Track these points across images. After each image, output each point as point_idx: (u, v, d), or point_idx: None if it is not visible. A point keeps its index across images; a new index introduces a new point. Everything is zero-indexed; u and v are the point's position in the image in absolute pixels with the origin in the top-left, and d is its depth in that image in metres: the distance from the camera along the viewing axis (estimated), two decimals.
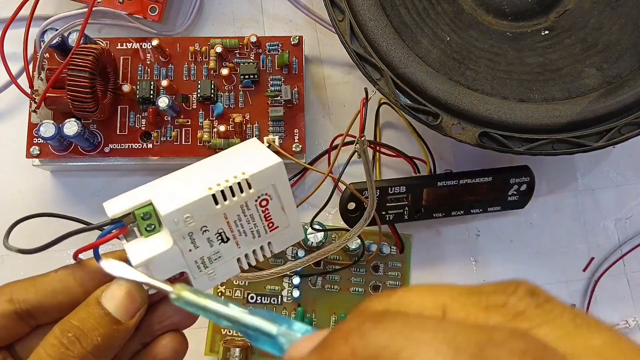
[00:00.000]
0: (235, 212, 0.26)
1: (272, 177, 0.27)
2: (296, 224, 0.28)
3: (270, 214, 0.27)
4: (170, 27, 0.47)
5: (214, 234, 0.26)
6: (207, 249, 0.26)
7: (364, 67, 0.36)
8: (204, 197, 0.26)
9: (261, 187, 0.27)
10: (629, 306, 0.44)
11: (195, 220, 0.26)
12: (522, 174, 0.42)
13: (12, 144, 0.45)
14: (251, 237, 0.27)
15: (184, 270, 0.26)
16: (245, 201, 0.27)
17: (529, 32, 0.39)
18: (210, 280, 0.27)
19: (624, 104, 0.36)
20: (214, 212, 0.26)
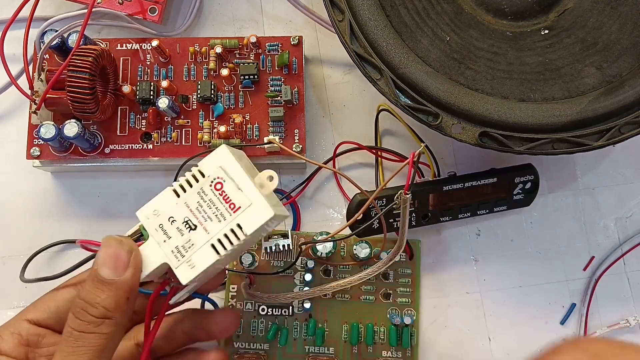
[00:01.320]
0: (194, 199, 0.31)
1: (218, 160, 0.31)
2: (258, 201, 0.30)
3: (228, 195, 0.30)
4: (170, 27, 0.47)
5: (181, 222, 0.30)
6: (179, 238, 0.30)
7: (364, 67, 0.36)
8: (165, 192, 0.31)
9: (210, 172, 0.31)
10: (629, 305, 0.44)
11: (161, 212, 0.31)
12: (527, 173, 0.42)
13: (13, 145, 0.45)
14: (217, 221, 0.30)
15: (165, 261, 0.30)
16: (201, 187, 0.31)
17: (529, 31, 0.39)
18: (191, 269, 0.30)
19: (623, 103, 0.36)
20: (175, 202, 0.31)
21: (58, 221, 0.45)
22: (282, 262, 0.42)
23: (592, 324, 0.44)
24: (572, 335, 0.44)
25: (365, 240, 0.42)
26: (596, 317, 0.44)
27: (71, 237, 0.44)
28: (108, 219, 0.45)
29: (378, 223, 0.40)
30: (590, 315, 0.44)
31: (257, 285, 0.42)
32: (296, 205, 0.45)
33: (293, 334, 0.42)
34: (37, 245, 0.44)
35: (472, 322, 0.44)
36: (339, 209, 0.45)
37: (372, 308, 0.42)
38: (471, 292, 0.44)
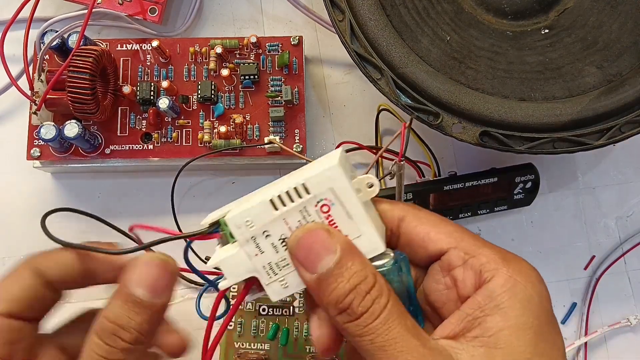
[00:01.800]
0: (295, 217, 0.26)
1: (328, 181, 0.26)
2: (370, 233, 0.27)
3: (334, 221, 0.27)
4: (170, 28, 0.47)
5: (277, 239, 0.27)
6: (273, 255, 0.27)
7: (364, 67, 0.36)
8: (261, 201, 0.26)
9: (318, 191, 0.26)
10: (630, 304, 0.44)
11: (255, 224, 0.26)
12: (527, 172, 0.42)
13: (13, 146, 0.45)
14: None
15: (254, 275, 0.27)
16: (304, 206, 0.26)
17: (529, 30, 0.39)
18: (283, 289, 0.27)
19: (624, 102, 0.36)
20: (273, 217, 0.26)
21: (58, 222, 0.44)
22: None
23: (593, 323, 0.44)
24: (572, 335, 0.44)
25: None
26: (597, 316, 0.44)
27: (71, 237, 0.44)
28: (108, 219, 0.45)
29: None
30: (591, 315, 0.44)
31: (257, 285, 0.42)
32: None
33: (294, 334, 0.41)
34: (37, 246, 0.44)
35: None
36: None
37: None
38: None
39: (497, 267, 0.26)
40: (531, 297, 0.25)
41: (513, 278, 0.25)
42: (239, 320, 0.42)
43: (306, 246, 0.26)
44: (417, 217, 0.28)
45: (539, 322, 0.25)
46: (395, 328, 0.24)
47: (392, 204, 0.28)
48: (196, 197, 0.45)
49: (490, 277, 0.25)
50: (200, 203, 0.45)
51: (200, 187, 0.45)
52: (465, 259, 0.26)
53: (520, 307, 0.25)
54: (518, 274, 0.26)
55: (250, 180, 0.45)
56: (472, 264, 0.26)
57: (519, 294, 0.25)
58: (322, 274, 0.25)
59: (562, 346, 0.26)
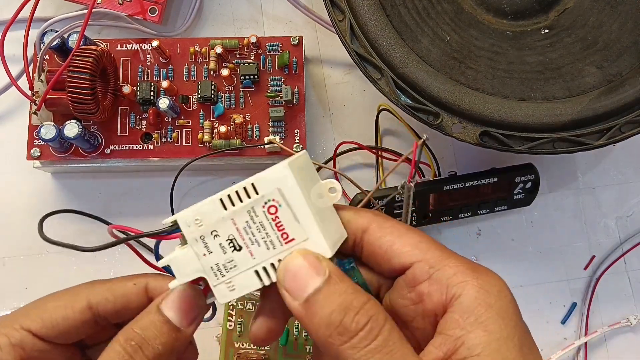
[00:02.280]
0: (243, 218, 0.26)
1: (276, 181, 0.26)
2: (316, 237, 0.26)
3: (281, 223, 0.26)
4: (170, 28, 0.47)
5: (225, 239, 0.26)
6: (221, 256, 0.27)
7: (364, 67, 0.36)
8: (210, 200, 0.26)
9: (265, 191, 0.26)
10: (630, 304, 0.44)
11: (204, 223, 0.26)
12: (527, 172, 0.42)
13: (13, 146, 0.45)
14: (264, 247, 0.26)
15: (202, 275, 0.27)
16: (252, 206, 0.26)
17: (529, 30, 0.39)
18: (230, 291, 0.27)
19: (624, 102, 0.36)
20: (222, 216, 0.26)
21: (58, 222, 0.45)
22: None
23: (593, 323, 0.44)
24: (573, 335, 0.44)
25: None
26: (597, 316, 0.44)
27: (71, 237, 0.44)
28: (108, 219, 0.45)
29: None
30: (591, 315, 0.44)
31: None
32: None
33: (293, 334, 0.41)
34: (37, 246, 0.44)
35: None
36: None
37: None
38: None
39: (466, 279, 0.25)
40: (506, 307, 0.25)
41: (484, 289, 0.24)
42: (239, 320, 0.42)
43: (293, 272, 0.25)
44: (382, 228, 0.27)
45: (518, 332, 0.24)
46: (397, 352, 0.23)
47: (357, 212, 0.27)
48: (196, 197, 0.45)
49: (460, 291, 0.25)
50: None
51: (201, 187, 0.45)
52: (430, 273, 0.25)
53: (499, 319, 0.24)
54: (487, 284, 0.25)
55: None
56: (438, 278, 0.25)
57: (494, 305, 0.24)
58: (310, 295, 0.24)
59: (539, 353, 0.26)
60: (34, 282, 0.44)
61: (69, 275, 0.44)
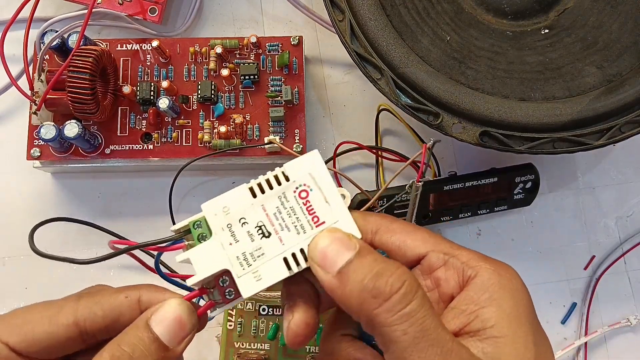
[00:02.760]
0: (274, 203, 0.26)
1: (308, 166, 0.27)
2: (346, 219, 0.26)
3: (312, 207, 0.26)
4: (170, 28, 0.47)
5: (253, 226, 0.26)
6: (249, 244, 0.26)
7: (364, 67, 0.36)
8: (240, 188, 0.27)
9: (297, 176, 0.27)
10: (630, 304, 0.44)
11: (232, 210, 0.26)
12: (527, 172, 0.42)
13: (13, 146, 0.45)
14: (295, 232, 0.26)
15: (226, 267, 0.26)
16: (283, 192, 0.26)
17: (529, 30, 0.39)
18: (256, 281, 0.26)
19: (624, 102, 0.36)
20: (251, 202, 0.26)
21: (57, 225, 0.44)
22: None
23: (593, 323, 0.44)
24: (573, 335, 0.44)
25: None
26: (597, 316, 0.44)
27: (71, 240, 0.44)
28: (108, 219, 0.45)
29: None
30: (591, 315, 0.44)
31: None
32: None
33: None
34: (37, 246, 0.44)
35: None
36: None
37: None
38: None
39: (479, 263, 0.26)
40: (518, 289, 0.26)
41: (497, 272, 0.26)
42: (239, 320, 0.42)
43: (324, 247, 0.25)
44: (391, 229, 0.28)
45: (529, 313, 0.26)
46: (429, 317, 0.23)
47: (365, 216, 0.28)
48: (196, 197, 0.45)
49: (474, 273, 0.26)
50: (200, 203, 0.45)
51: (201, 187, 0.45)
52: (445, 260, 0.27)
53: (512, 298, 0.25)
54: (500, 269, 0.26)
55: None
56: (454, 263, 0.27)
57: (507, 285, 0.26)
58: (342, 267, 0.24)
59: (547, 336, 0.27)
60: (34, 282, 0.44)
61: (69, 276, 0.44)
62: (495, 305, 0.25)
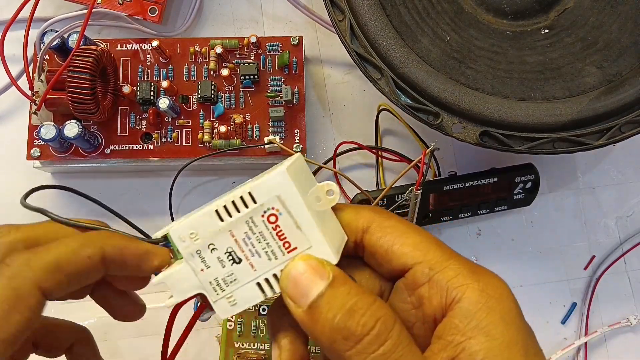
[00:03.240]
0: (241, 229, 0.25)
1: (276, 188, 0.24)
2: (319, 244, 0.25)
3: (283, 232, 0.25)
4: (170, 28, 0.47)
5: (223, 252, 0.25)
6: (220, 270, 0.25)
7: (364, 67, 0.36)
8: (206, 212, 0.25)
9: (264, 199, 0.24)
10: (630, 304, 0.44)
11: (200, 236, 0.25)
12: (527, 172, 0.42)
13: (13, 146, 0.45)
14: (266, 258, 0.25)
15: (200, 292, 0.26)
16: (250, 216, 0.25)
17: (529, 30, 0.39)
18: (231, 306, 0.26)
19: (624, 102, 0.36)
20: (218, 228, 0.25)
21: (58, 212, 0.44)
22: None
23: (593, 323, 0.44)
24: (573, 335, 0.44)
25: None
26: (597, 316, 0.44)
27: None
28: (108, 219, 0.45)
29: None
30: (591, 315, 0.44)
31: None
32: None
33: None
34: None
35: None
36: None
37: None
38: None
39: (466, 282, 0.24)
40: (509, 311, 0.24)
41: (485, 293, 0.23)
42: (239, 320, 0.42)
43: (295, 278, 0.24)
44: (382, 227, 0.26)
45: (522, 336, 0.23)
46: (406, 357, 0.22)
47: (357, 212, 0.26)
48: (196, 197, 0.45)
49: (460, 294, 0.23)
50: (200, 203, 0.44)
51: (201, 187, 0.45)
52: (430, 276, 0.24)
53: (502, 323, 0.23)
54: (489, 287, 0.24)
55: None
56: (438, 281, 0.24)
57: (496, 308, 0.23)
58: (313, 300, 0.23)
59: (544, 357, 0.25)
60: None
61: None
62: (483, 335, 0.22)
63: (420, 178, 0.34)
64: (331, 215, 0.26)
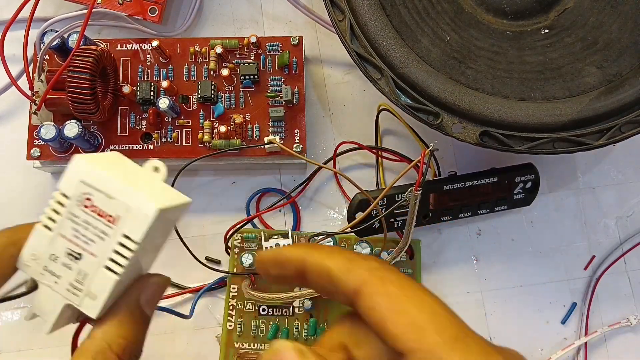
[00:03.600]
0: (68, 226, 0.26)
1: (75, 175, 0.26)
2: (135, 201, 0.25)
3: (101, 209, 0.25)
4: (170, 28, 0.47)
5: (64, 256, 0.26)
6: (69, 273, 0.26)
7: (364, 67, 0.36)
8: (36, 230, 0.26)
9: (72, 191, 0.26)
10: (630, 304, 0.44)
11: (40, 254, 0.26)
12: (527, 172, 0.42)
13: (13, 146, 0.45)
14: (100, 240, 0.26)
15: (65, 302, 0.26)
16: (70, 212, 0.26)
17: (529, 30, 0.39)
18: (94, 300, 0.26)
19: (624, 102, 0.36)
20: (50, 238, 0.26)
21: None
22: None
23: (593, 323, 0.44)
24: (573, 335, 0.44)
25: (365, 240, 0.42)
26: (597, 316, 0.44)
27: None
28: None
29: (378, 223, 0.40)
30: (591, 315, 0.44)
31: (258, 286, 0.42)
32: (296, 206, 0.45)
33: (294, 334, 0.41)
34: None
35: (473, 322, 0.43)
36: (340, 209, 0.45)
37: None
38: (472, 291, 0.44)
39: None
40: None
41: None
42: (239, 320, 0.42)
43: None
44: (373, 296, 0.21)
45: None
46: None
47: (349, 268, 0.22)
48: (196, 197, 0.45)
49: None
50: (200, 203, 0.45)
51: (201, 187, 0.45)
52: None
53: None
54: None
55: (250, 180, 0.45)
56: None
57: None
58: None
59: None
60: None
61: None
62: None
63: (419, 178, 0.34)
64: (167, 189, 0.28)
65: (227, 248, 0.42)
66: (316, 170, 0.44)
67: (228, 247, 0.42)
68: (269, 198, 0.45)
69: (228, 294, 0.42)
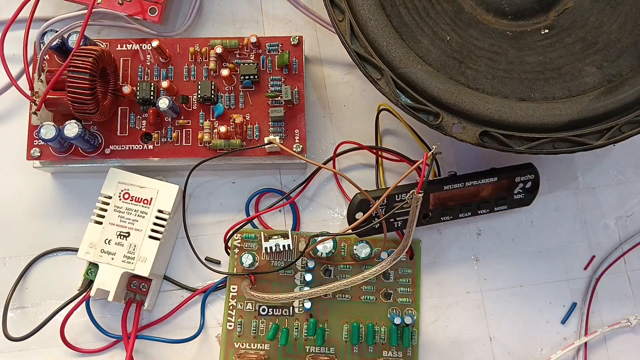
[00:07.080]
0: (114, 216, 0.39)
1: (113, 179, 0.40)
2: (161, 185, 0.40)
3: (138, 197, 0.39)
4: (170, 28, 0.47)
5: (116, 237, 0.39)
6: (123, 248, 0.39)
7: (364, 67, 0.36)
8: (90, 227, 0.39)
9: (113, 191, 0.40)
10: (630, 304, 0.44)
11: (95, 243, 0.39)
12: (527, 172, 0.42)
13: (13, 146, 0.45)
14: (142, 218, 0.39)
15: (123, 271, 0.38)
16: (114, 205, 0.39)
17: (529, 31, 0.39)
18: (144, 263, 0.38)
19: (624, 102, 0.36)
20: (102, 228, 0.39)
21: (58, 222, 0.45)
22: (282, 262, 0.42)
23: (592, 323, 0.44)
24: (572, 335, 0.44)
25: (365, 240, 0.42)
26: (597, 316, 0.44)
27: (71, 238, 0.44)
28: None
29: (378, 223, 0.40)
30: (591, 315, 0.44)
31: (258, 286, 0.42)
32: (296, 206, 0.45)
33: (293, 334, 0.42)
34: (38, 246, 0.44)
35: (473, 322, 0.44)
36: (339, 209, 0.45)
37: (373, 308, 0.42)
38: (472, 291, 0.44)
39: None
40: None
41: None
42: (239, 320, 0.42)
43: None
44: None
45: None
46: None
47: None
48: (197, 197, 0.45)
49: None
50: (200, 203, 0.45)
51: (201, 187, 0.45)
52: None
53: None
54: None
55: (250, 180, 0.45)
56: None
57: None
58: None
59: None
60: (34, 282, 0.44)
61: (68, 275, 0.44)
62: None
63: (421, 181, 0.34)
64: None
65: (227, 248, 0.42)
66: (316, 170, 0.44)
67: (228, 247, 0.42)
68: (269, 198, 0.45)
69: (228, 294, 0.42)
